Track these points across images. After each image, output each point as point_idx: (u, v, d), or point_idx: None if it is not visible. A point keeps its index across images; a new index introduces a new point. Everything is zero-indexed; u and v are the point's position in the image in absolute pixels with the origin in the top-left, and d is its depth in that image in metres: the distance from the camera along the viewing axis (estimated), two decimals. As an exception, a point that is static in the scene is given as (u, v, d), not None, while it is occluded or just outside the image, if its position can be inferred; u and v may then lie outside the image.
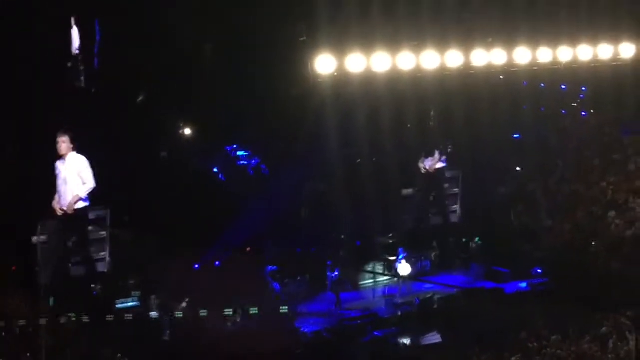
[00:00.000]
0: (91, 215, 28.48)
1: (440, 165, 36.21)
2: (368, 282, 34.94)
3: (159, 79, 30.21)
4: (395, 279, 34.20)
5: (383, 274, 34.31)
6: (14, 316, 21.92)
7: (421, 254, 36.54)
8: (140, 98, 31.04)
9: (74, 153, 26.59)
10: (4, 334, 20.98)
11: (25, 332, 21.17)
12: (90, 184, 26.37)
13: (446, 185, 37.61)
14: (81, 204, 26.52)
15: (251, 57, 30.80)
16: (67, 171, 26.40)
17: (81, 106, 28.19)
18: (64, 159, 26.49)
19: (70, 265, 28.19)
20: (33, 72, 26.74)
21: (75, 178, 26.44)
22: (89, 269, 29.18)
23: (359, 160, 35.34)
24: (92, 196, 27.43)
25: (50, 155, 26.68)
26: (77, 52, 28.30)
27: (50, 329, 21.41)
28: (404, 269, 34.22)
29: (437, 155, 36.10)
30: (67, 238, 27.48)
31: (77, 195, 26.10)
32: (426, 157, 36.87)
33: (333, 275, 34.19)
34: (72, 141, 26.63)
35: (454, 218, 38.02)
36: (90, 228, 29.21)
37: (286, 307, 32.30)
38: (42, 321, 20.62)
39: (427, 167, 35.77)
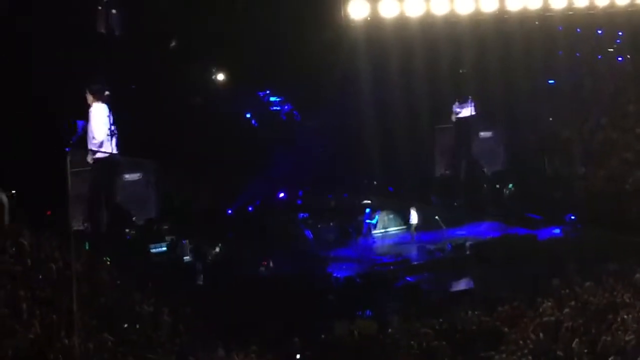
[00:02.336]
0: (125, 163, 28.71)
1: (470, 111, 36.11)
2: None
3: (191, 25, 30.13)
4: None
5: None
6: (49, 261, 22.10)
7: (452, 201, 36.78)
8: (173, 44, 30.99)
9: (99, 104, 26.81)
10: (40, 277, 21.17)
11: (61, 276, 21.34)
12: (100, 137, 26.63)
13: (480, 135, 37.60)
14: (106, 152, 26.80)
15: (283, 1, 30.61)
16: (92, 120, 26.69)
17: (112, 53, 28.21)
18: (91, 109, 26.81)
19: (105, 210, 28.47)
20: (66, 19, 26.71)
21: (98, 127, 26.71)
22: (122, 214, 29.48)
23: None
24: (125, 143, 27.63)
25: (81, 103, 26.94)
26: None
27: (85, 274, 21.59)
28: (414, 217, 34.51)
29: (469, 102, 35.99)
30: (100, 184, 27.74)
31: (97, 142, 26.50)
32: (459, 103, 36.74)
33: (372, 220, 34.51)
34: (95, 93, 26.86)
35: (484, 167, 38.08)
36: (125, 175, 29.50)
37: (319, 253, 32.58)
38: (78, 266, 20.81)
39: (459, 114, 35.70)
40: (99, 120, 27.23)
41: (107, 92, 27.49)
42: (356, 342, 23.85)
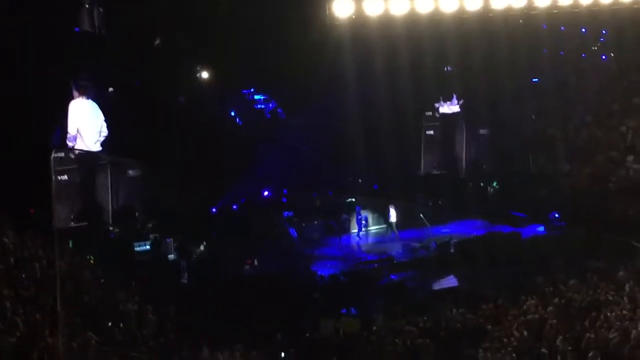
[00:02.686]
0: (108, 160, 28.59)
1: (455, 109, 36.13)
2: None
3: (175, 23, 30.07)
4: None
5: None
6: (33, 259, 22.03)
7: (436, 199, 36.86)
8: (157, 42, 30.91)
9: (82, 99, 26.71)
10: (23, 276, 21.10)
11: (45, 274, 21.28)
12: (73, 131, 26.59)
13: (465, 132, 37.60)
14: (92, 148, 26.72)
15: (268, 0, 30.58)
16: (70, 114, 26.64)
17: (97, 52, 28.11)
18: (72, 103, 26.74)
19: (89, 208, 28.37)
20: (50, 17, 26.58)
21: (73, 121, 26.63)
22: (106, 212, 29.38)
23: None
24: (110, 141, 27.54)
25: (65, 99, 26.81)
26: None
27: (69, 273, 21.52)
28: (392, 215, 34.59)
29: (454, 100, 36.01)
30: (83, 181, 27.64)
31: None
32: (444, 101, 36.76)
33: (361, 217, 34.57)
34: (80, 88, 26.75)
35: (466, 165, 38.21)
36: (109, 173, 29.38)
37: (303, 251, 32.58)
38: (62, 265, 20.72)
39: (442, 111, 35.74)
40: (78, 114, 27.07)
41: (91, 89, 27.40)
42: (341, 340, 23.89)
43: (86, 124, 27.01)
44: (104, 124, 27.29)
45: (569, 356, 20.87)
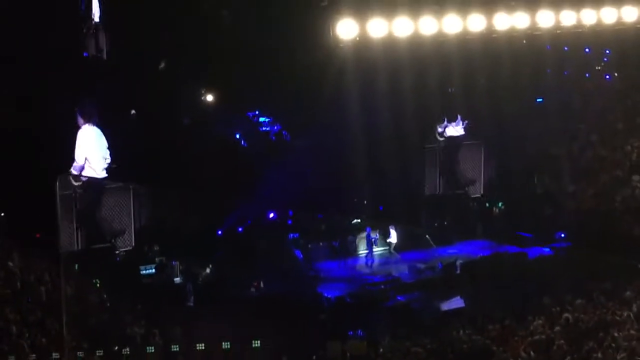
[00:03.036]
0: (114, 185, 28.59)
1: (460, 131, 36.09)
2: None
3: (179, 46, 30.15)
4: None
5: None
6: (38, 283, 22.05)
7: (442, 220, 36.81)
8: (162, 66, 30.99)
9: (87, 125, 26.73)
10: (29, 300, 21.12)
11: (50, 298, 21.29)
12: (81, 161, 26.57)
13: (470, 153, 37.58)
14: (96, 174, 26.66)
15: (272, 22, 30.67)
16: (79, 142, 26.64)
17: (102, 76, 28.19)
18: (80, 132, 26.73)
19: (94, 232, 28.34)
20: (54, 42, 26.68)
21: (81, 150, 26.62)
22: (112, 236, 29.35)
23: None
24: (115, 165, 27.52)
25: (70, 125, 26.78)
26: (98, 21, 28.28)
27: (74, 296, 21.54)
28: (393, 237, 34.57)
29: (459, 121, 35.97)
30: (90, 206, 27.61)
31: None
32: (449, 122, 36.71)
33: (371, 238, 34.57)
34: (84, 115, 26.75)
35: (477, 189, 38.12)
36: (113, 197, 29.35)
37: (309, 273, 32.54)
38: (68, 288, 20.74)
39: (447, 133, 35.65)
40: (85, 143, 27.05)
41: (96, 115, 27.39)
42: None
43: (93, 152, 26.98)
44: (107, 151, 27.27)
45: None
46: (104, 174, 26.87)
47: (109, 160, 27.20)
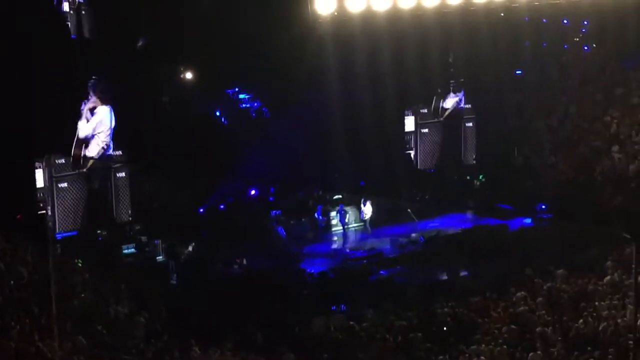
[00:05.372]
0: (99, 166, 28.64)
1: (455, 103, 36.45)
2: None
3: (157, 25, 29.98)
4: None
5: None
6: (21, 265, 21.98)
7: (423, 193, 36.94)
8: (140, 44, 30.82)
9: (102, 106, 26.88)
10: (12, 282, 21.06)
11: (33, 280, 21.25)
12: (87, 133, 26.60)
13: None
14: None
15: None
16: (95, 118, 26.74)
17: (85, 56, 28.08)
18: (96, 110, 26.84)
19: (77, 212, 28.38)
20: (36, 25, 26.50)
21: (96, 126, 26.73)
22: (94, 216, 29.35)
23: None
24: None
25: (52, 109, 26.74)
26: (82, 0, 28.27)
27: (57, 278, 21.48)
28: (367, 211, 34.66)
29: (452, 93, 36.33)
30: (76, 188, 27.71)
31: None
32: (447, 95, 36.94)
33: (343, 213, 34.61)
34: (101, 94, 26.83)
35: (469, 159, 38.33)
36: (97, 177, 29.37)
37: (291, 249, 32.59)
38: (51, 269, 20.69)
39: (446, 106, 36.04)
40: (97, 119, 27.11)
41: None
42: (331, 337, 23.91)
43: (102, 129, 26.97)
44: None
45: (559, 347, 20.97)
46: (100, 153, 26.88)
47: (106, 143, 27.16)
